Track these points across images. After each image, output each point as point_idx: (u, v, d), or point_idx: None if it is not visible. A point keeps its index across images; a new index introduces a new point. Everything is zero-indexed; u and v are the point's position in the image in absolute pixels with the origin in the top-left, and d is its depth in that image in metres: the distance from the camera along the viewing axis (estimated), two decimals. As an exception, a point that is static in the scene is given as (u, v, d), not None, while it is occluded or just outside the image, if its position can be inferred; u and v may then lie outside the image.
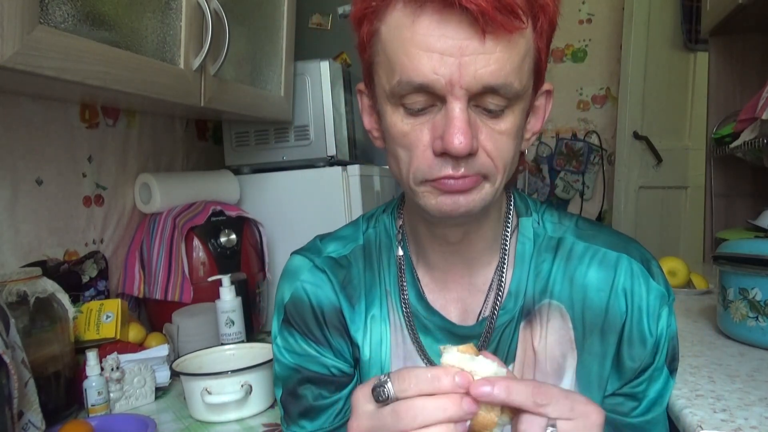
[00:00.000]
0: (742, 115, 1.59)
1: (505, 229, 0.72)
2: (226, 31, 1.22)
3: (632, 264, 0.68)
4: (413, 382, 0.48)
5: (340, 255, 0.76)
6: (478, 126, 0.58)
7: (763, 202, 1.82)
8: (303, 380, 0.74)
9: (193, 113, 1.65)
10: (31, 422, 0.87)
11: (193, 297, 1.38)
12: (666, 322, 0.67)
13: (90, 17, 0.93)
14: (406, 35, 0.56)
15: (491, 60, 0.55)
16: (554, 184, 3.20)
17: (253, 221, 1.57)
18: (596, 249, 0.69)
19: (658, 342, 0.67)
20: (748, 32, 1.86)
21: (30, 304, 0.97)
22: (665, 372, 0.68)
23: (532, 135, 0.68)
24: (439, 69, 0.55)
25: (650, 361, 0.67)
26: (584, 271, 0.68)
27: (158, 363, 1.15)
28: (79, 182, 1.33)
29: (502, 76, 0.56)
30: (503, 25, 0.54)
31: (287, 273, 0.77)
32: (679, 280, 1.54)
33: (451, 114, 0.56)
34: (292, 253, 0.79)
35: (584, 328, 0.68)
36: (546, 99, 0.68)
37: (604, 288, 0.67)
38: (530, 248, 0.71)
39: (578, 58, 3.12)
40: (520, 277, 0.70)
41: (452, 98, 0.56)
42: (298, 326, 0.74)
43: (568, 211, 0.76)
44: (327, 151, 1.61)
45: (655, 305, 0.67)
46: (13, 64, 0.77)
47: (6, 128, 1.15)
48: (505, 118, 0.59)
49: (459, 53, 0.55)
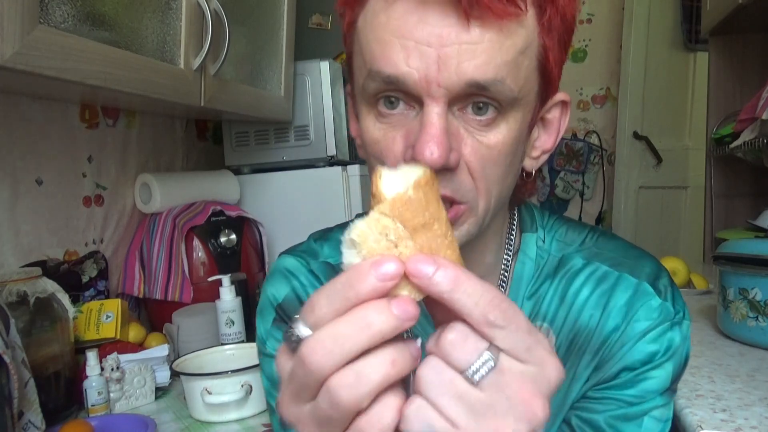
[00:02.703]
0: (742, 115, 1.59)
1: (507, 250, 0.63)
2: (226, 31, 1.22)
3: (633, 284, 0.60)
4: (323, 302, 0.34)
5: (337, 262, 0.67)
6: (461, 136, 0.48)
7: (763, 202, 1.81)
8: None
9: (193, 113, 1.65)
10: (31, 422, 0.87)
11: (193, 297, 1.38)
12: (670, 342, 0.58)
13: (90, 17, 0.93)
14: (381, 20, 0.48)
15: (477, 50, 0.46)
16: (554, 184, 3.19)
17: (253, 221, 1.57)
18: (596, 266, 0.61)
19: (652, 361, 0.58)
20: (748, 32, 1.86)
21: (30, 304, 0.97)
22: (661, 395, 0.59)
23: (542, 153, 0.58)
24: (413, 61, 0.46)
25: (631, 384, 0.58)
26: (577, 290, 0.61)
27: (158, 363, 1.15)
28: (79, 182, 1.33)
29: (490, 71, 0.46)
30: (491, 9, 0.44)
31: (279, 272, 0.68)
32: (679, 280, 1.54)
33: (426, 119, 0.46)
34: (282, 253, 0.70)
35: (569, 350, 0.60)
36: (561, 112, 0.58)
37: (596, 308, 0.60)
38: (530, 269, 0.63)
39: (578, 58, 3.11)
40: (515, 299, 0.62)
41: (429, 100, 0.47)
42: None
43: (580, 224, 0.67)
44: (327, 151, 1.61)
45: (654, 323, 0.58)
46: (13, 64, 0.77)
47: (6, 128, 1.15)
48: (497, 128, 0.49)
49: (438, 43, 0.46)
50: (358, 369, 0.33)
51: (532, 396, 0.34)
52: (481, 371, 0.34)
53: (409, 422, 0.34)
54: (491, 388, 0.34)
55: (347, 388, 0.32)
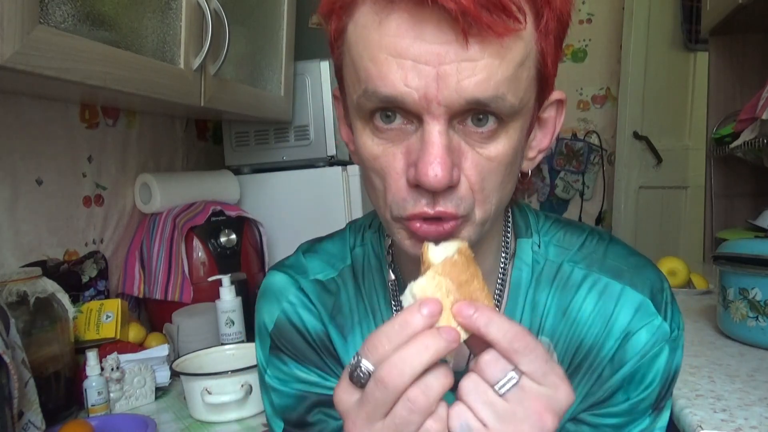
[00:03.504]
0: (742, 115, 1.59)
1: (504, 254, 0.62)
2: (226, 31, 1.22)
3: (637, 298, 0.59)
4: (384, 341, 0.43)
5: (327, 278, 0.66)
6: (462, 151, 0.48)
7: (763, 202, 1.81)
8: (311, 406, 0.65)
9: (193, 113, 1.65)
10: (31, 422, 0.87)
11: (193, 297, 1.38)
12: (665, 361, 0.59)
13: (90, 17, 0.93)
14: (374, 37, 0.46)
15: (477, 68, 0.45)
16: (554, 184, 3.19)
17: (253, 221, 1.57)
18: (597, 277, 0.60)
19: (646, 379, 0.59)
20: (748, 32, 1.86)
21: (30, 304, 0.97)
22: (648, 413, 0.60)
23: (538, 153, 0.57)
24: (412, 80, 0.45)
25: (625, 401, 0.59)
26: (579, 304, 0.60)
27: (158, 363, 1.15)
28: (79, 182, 1.33)
29: (491, 88, 0.45)
30: (491, 27, 0.43)
31: (268, 293, 0.67)
32: (679, 280, 1.54)
33: (427, 138, 0.46)
34: (272, 268, 0.69)
35: (570, 366, 0.60)
36: (557, 110, 0.57)
37: (599, 324, 0.59)
38: (527, 276, 0.62)
39: (578, 58, 3.11)
40: (513, 311, 0.61)
41: (429, 117, 0.46)
42: (291, 353, 0.65)
43: (579, 226, 0.66)
44: (327, 151, 1.61)
45: (651, 344, 0.58)
46: (13, 64, 0.77)
47: (6, 128, 1.15)
48: (498, 140, 0.48)
49: (437, 61, 0.44)
50: (426, 381, 0.42)
51: (545, 411, 0.43)
52: (507, 386, 0.43)
53: (452, 420, 0.44)
54: (514, 400, 0.43)
55: (421, 395, 0.42)
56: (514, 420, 0.43)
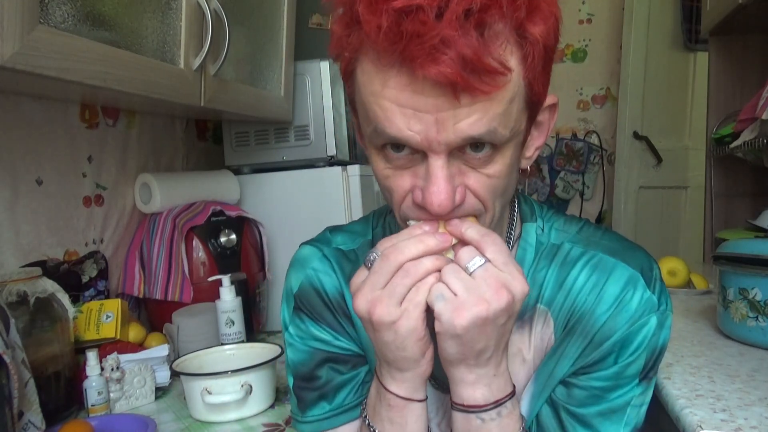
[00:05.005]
0: (742, 115, 1.59)
1: (509, 237, 0.70)
2: (226, 31, 1.22)
3: (628, 271, 0.65)
4: (393, 239, 0.57)
5: (348, 248, 0.75)
6: (464, 172, 0.56)
7: (763, 202, 1.81)
8: (320, 362, 0.73)
9: (193, 113, 1.65)
10: (31, 422, 0.87)
11: (193, 297, 1.38)
12: (650, 332, 0.63)
13: (90, 17, 0.93)
14: (377, 88, 0.53)
15: (471, 112, 0.51)
16: (554, 184, 3.19)
17: (253, 221, 1.57)
18: (593, 254, 0.67)
19: (632, 345, 0.63)
20: (748, 32, 1.86)
21: (30, 304, 0.97)
22: (635, 382, 0.65)
23: (535, 151, 0.64)
24: (414, 125, 0.52)
25: (613, 364, 0.64)
26: (575, 276, 0.67)
27: (158, 363, 1.15)
28: (79, 182, 1.33)
29: (484, 125, 0.52)
30: (479, 89, 0.50)
31: (296, 262, 0.77)
32: (679, 280, 1.54)
33: (431, 170, 0.54)
34: (302, 243, 0.79)
35: (565, 332, 0.66)
36: (550, 113, 0.63)
37: (592, 292, 0.65)
38: (531, 255, 0.69)
39: (578, 58, 3.12)
40: None
41: (432, 153, 0.53)
42: (310, 313, 0.74)
43: (576, 217, 0.74)
44: (327, 151, 1.61)
45: (640, 313, 0.63)
46: (13, 64, 0.77)
47: (6, 128, 1.15)
48: (495, 162, 0.56)
49: (435, 109, 0.51)
50: (420, 260, 0.56)
51: (502, 288, 0.55)
52: (474, 266, 0.56)
53: (431, 293, 0.56)
54: (479, 277, 0.55)
55: (413, 266, 0.55)
56: (478, 291, 0.54)
